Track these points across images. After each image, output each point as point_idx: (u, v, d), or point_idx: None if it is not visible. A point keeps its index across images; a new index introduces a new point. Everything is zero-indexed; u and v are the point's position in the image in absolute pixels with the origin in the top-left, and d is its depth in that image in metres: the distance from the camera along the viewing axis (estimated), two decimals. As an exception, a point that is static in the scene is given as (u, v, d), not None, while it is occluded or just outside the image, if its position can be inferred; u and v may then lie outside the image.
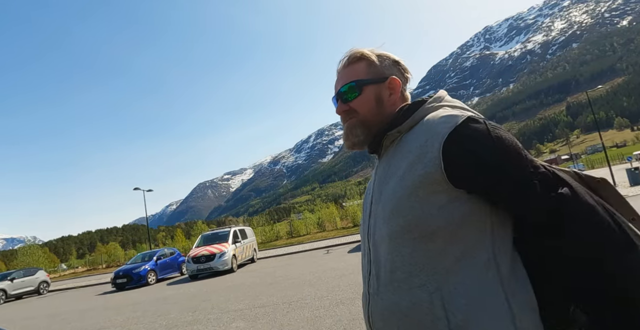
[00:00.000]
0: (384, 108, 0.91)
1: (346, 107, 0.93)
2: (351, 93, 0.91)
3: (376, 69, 0.92)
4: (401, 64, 0.96)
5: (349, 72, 0.93)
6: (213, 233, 15.88)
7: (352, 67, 0.93)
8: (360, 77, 0.91)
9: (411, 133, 0.84)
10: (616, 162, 66.69)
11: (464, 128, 0.76)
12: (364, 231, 0.92)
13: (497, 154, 0.73)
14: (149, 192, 29.67)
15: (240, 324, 5.38)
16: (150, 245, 31.85)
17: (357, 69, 0.92)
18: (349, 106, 0.92)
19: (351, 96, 0.91)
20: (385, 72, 0.93)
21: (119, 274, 14.59)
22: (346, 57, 0.94)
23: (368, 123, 0.91)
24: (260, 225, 43.13)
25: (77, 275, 34.98)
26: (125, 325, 6.67)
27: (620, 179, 23.58)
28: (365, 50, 0.94)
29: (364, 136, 0.91)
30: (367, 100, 0.91)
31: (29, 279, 18.24)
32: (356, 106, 0.91)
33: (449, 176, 0.74)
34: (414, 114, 0.86)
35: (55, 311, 10.41)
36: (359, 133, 0.91)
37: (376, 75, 0.92)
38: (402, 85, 0.95)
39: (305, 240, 25.74)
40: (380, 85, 0.91)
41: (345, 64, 0.94)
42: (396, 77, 0.93)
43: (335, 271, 9.10)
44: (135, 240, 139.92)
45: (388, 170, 0.85)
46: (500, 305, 0.71)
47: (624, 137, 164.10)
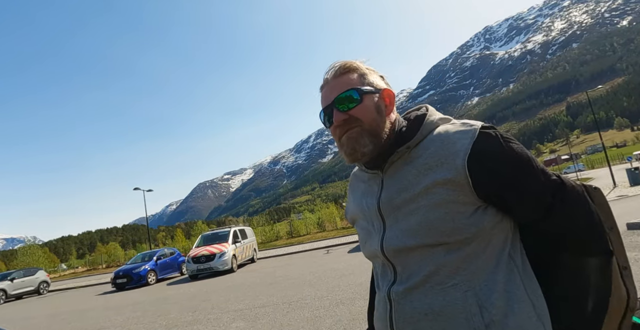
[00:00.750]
0: (383, 119, 0.88)
1: (346, 115, 0.86)
2: (351, 100, 0.86)
3: (369, 81, 0.89)
4: (385, 79, 0.94)
5: (342, 81, 0.88)
6: (213, 233, 15.88)
7: (345, 77, 0.89)
8: (357, 85, 0.87)
9: (420, 148, 0.85)
10: (616, 162, 66.65)
11: (482, 140, 0.80)
12: (375, 244, 0.90)
13: (513, 165, 0.79)
14: (149, 192, 29.66)
15: (240, 324, 5.38)
16: (150, 245, 31.85)
17: (350, 79, 0.88)
18: (349, 114, 0.86)
19: (352, 104, 0.86)
20: (378, 84, 0.90)
21: (119, 274, 14.59)
22: (337, 67, 0.90)
23: (374, 132, 0.86)
24: (260, 225, 43.14)
25: (77, 275, 34.96)
26: (125, 325, 6.67)
27: (620, 179, 23.57)
28: (354, 63, 0.91)
29: (373, 145, 0.86)
30: (368, 108, 0.86)
31: (29, 279, 18.24)
32: (358, 114, 0.85)
33: (474, 187, 0.78)
34: (420, 129, 0.86)
35: (55, 311, 10.41)
36: (367, 142, 0.86)
37: (371, 86, 0.89)
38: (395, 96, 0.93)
39: (305, 240, 25.73)
40: (377, 95, 0.88)
41: (337, 74, 0.89)
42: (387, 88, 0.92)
43: (335, 271, 9.09)
44: (135, 240, 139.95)
45: (401, 184, 0.85)
46: (524, 297, 0.78)
47: (624, 137, 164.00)
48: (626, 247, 5.76)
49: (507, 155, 0.79)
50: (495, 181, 0.78)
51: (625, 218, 8.35)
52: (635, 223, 7.47)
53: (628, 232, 7.28)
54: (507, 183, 0.78)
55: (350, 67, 0.89)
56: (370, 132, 0.86)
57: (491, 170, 0.78)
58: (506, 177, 0.78)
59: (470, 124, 0.84)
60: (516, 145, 0.81)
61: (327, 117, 0.90)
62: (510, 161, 0.79)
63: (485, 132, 0.81)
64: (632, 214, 9.06)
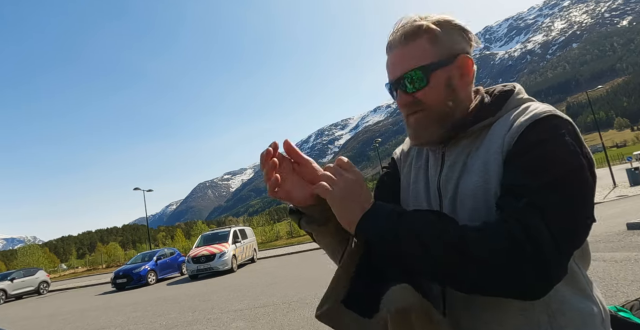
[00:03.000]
0: (456, 95, 0.75)
1: (410, 97, 0.75)
2: (417, 82, 0.73)
3: (442, 46, 0.74)
4: (467, 31, 0.77)
5: (408, 52, 0.74)
6: (213, 233, 15.89)
7: (412, 45, 0.74)
8: (424, 60, 0.73)
9: (497, 124, 0.73)
10: (616, 162, 66.67)
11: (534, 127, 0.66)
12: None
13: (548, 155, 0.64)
14: (149, 192, 29.67)
15: (240, 324, 5.38)
16: (150, 246, 31.83)
17: (418, 48, 0.73)
18: (414, 97, 0.75)
19: (417, 86, 0.74)
20: (454, 48, 0.74)
21: (119, 274, 14.60)
22: (402, 30, 0.75)
23: (441, 117, 0.75)
24: (260, 225, 43.22)
25: (77, 275, 34.98)
26: (125, 325, 6.67)
27: (620, 179, 23.57)
28: (425, 21, 0.75)
29: (437, 135, 0.76)
30: (436, 89, 0.73)
31: (29, 279, 18.25)
32: (424, 97, 0.74)
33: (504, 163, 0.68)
34: (505, 105, 0.75)
35: (56, 311, 10.41)
36: (432, 131, 0.76)
37: (443, 54, 0.73)
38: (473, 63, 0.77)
39: (305, 241, 25.72)
40: (450, 66, 0.74)
41: (402, 39, 0.75)
42: (466, 53, 0.76)
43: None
44: (135, 240, 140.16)
45: (466, 163, 0.75)
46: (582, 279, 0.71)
47: (624, 137, 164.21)
48: (626, 247, 5.72)
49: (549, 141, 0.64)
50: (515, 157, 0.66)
51: (625, 218, 8.36)
52: (635, 223, 7.47)
53: (628, 232, 7.28)
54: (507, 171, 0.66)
55: (420, 29, 0.74)
56: (437, 118, 0.75)
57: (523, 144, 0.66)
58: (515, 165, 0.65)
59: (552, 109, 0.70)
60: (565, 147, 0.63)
61: (393, 91, 0.80)
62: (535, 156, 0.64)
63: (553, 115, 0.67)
64: (632, 214, 9.06)
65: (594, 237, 7.23)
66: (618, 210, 11.01)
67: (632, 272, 4.52)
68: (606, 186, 22.75)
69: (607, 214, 10.46)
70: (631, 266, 4.81)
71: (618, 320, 1.04)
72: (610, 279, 4.41)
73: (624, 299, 3.61)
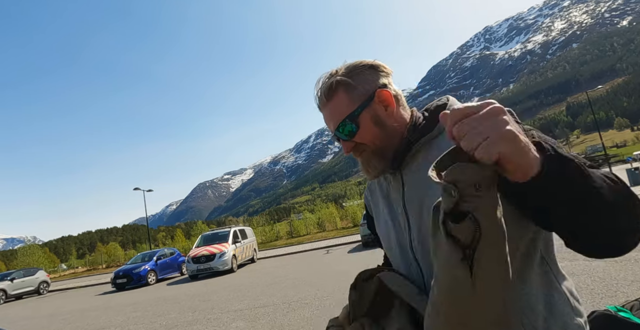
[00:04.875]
0: (388, 127, 0.84)
1: (352, 144, 0.86)
2: (348, 130, 0.84)
3: (357, 91, 0.83)
4: (376, 65, 0.86)
5: (332, 108, 0.85)
6: (213, 233, 15.89)
7: (333, 100, 0.84)
8: (347, 110, 0.83)
9: (438, 141, 0.80)
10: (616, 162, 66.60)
11: None
12: (402, 243, 0.86)
13: None
14: (149, 192, 29.67)
15: (240, 324, 5.38)
16: (150, 246, 31.85)
17: (339, 102, 0.84)
18: (354, 142, 0.85)
19: (351, 132, 0.84)
20: (368, 88, 0.83)
21: (119, 274, 14.59)
22: (321, 91, 0.85)
23: (381, 150, 0.85)
24: (260, 225, 43.18)
25: (77, 275, 34.98)
26: (125, 325, 6.67)
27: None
28: (336, 76, 0.84)
29: (382, 165, 0.86)
30: (367, 129, 0.83)
31: (29, 279, 18.24)
32: (360, 139, 0.84)
33: None
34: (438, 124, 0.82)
35: (56, 311, 10.40)
36: (376, 164, 0.86)
37: (361, 97, 0.83)
38: (391, 89, 0.85)
39: (305, 241, 25.75)
40: (371, 105, 0.83)
41: (324, 101, 0.86)
42: (381, 86, 0.84)
43: (336, 271, 9.10)
44: (135, 240, 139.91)
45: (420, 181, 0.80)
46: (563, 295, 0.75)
47: (624, 137, 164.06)
48: (626, 247, 5.71)
49: None
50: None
51: (625, 218, 8.36)
52: (635, 223, 7.47)
53: (628, 232, 7.28)
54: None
55: (336, 84, 0.83)
56: (377, 152, 0.85)
57: None
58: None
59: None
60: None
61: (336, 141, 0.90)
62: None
63: None
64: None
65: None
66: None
67: (632, 272, 4.52)
68: (606, 186, 22.77)
69: (607, 214, 10.46)
70: (631, 266, 4.81)
71: (618, 321, 1.04)
72: (610, 279, 4.41)
73: (624, 299, 3.61)
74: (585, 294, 3.98)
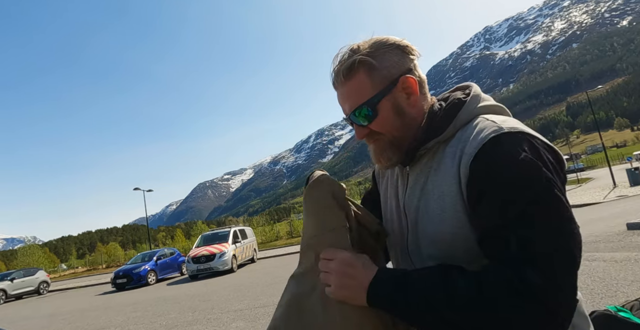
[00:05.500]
0: (407, 117, 0.78)
1: (366, 130, 0.79)
2: (366, 116, 0.77)
3: (381, 74, 0.75)
4: (404, 46, 0.78)
5: (351, 89, 0.77)
6: (213, 233, 15.89)
7: (352, 81, 0.77)
8: (367, 93, 0.76)
9: (449, 144, 0.74)
10: (616, 162, 66.68)
11: (490, 146, 0.66)
12: (401, 242, 0.84)
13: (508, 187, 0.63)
14: (149, 192, 29.66)
15: (240, 324, 5.38)
16: (150, 246, 31.83)
17: (359, 84, 0.76)
18: (369, 128, 0.79)
19: (368, 119, 0.78)
20: (393, 72, 0.76)
21: (119, 274, 14.60)
22: (339, 69, 0.78)
23: (397, 141, 0.79)
24: (260, 225, 43.28)
25: (77, 275, 34.98)
26: (125, 325, 6.67)
27: (620, 179, 23.58)
28: (359, 54, 0.76)
29: (397, 157, 0.80)
30: (387, 117, 0.77)
31: (29, 279, 18.25)
32: (377, 127, 0.78)
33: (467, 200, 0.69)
34: (454, 121, 0.75)
35: (56, 311, 10.41)
36: (391, 155, 0.80)
37: (384, 82, 0.76)
38: (416, 75, 0.78)
39: (305, 240, 25.70)
40: (393, 92, 0.76)
41: (341, 78, 0.78)
42: (407, 71, 0.77)
43: (335, 271, 9.08)
44: (135, 240, 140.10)
45: (426, 185, 0.77)
46: None
47: (624, 137, 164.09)
48: (626, 247, 5.70)
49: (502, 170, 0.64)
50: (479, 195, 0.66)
51: (625, 218, 8.36)
52: (635, 223, 7.47)
53: (628, 232, 7.28)
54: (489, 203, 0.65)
55: (355, 64, 0.76)
56: (393, 143, 0.79)
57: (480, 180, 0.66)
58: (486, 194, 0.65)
59: (497, 124, 0.69)
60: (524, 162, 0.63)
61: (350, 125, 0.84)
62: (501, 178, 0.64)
63: (498, 136, 0.66)
64: (632, 214, 9.06)
65: (594, 237, 7.23)
66: (618, 210, 11.02)
67: (632, 272, 4.52)
68: (606, 186, 22.76)
69: (607, 214, 10.47)
70: (631, 266, 4.81)
71: (618, 321, 1.04)
72: (610, 279, 4.41)
73: (624, 299, 3.61)
74: (585, 294, 3.98)
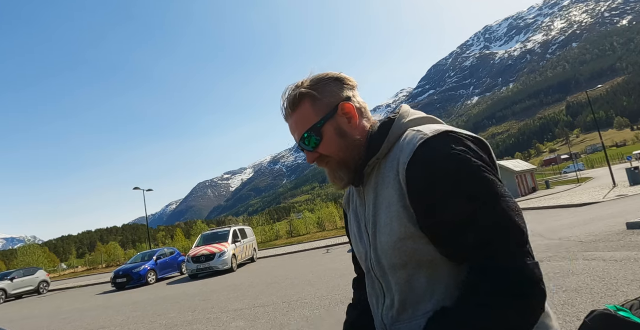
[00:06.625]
0: (350, 138, 0.86)
1: (316, 154, 0.87)
2: (312, 141, 0.86)
3: (322, 103, 0.85)
4: (341, 78, 0.88)
5: (297, 119, 0.86)
6: (213, 233, 15.88)
7: (298, 111, 0.86)
8: (311, 121, 0.85)
9: (388, 159, 0.82)
10: (616, 162, 66.66)
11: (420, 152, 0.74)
12: (366, 261, 0.89)
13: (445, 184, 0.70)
14: (149, 191, 29.64)
15: (240, 323, 5.38)
16: (150, 245, 31.82)
17: (304, 113, 0.86)
18: (318, 153, 0.87)
19: (315, 144, 0.86)
20: (333, 101, 0.85)
21: (119, 273, 14.59)
22: (289, 101, 0.87)
23: (345, 161, 0.87)
24: (260, 225, 43.19)
25: (77, 275, 34.97)
26: (125, 324, 6.67)
27: (620, 179, 23.59)
28: (301, 88, 0.86)
29: (347, 177, 0.88)
30: (331, 141, 0.85)
31: (29, 279, 18.24)
32: (324, 151, 0.86)
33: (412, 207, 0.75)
34: (387, 138, 0.83)
35: (56, 311, 10.41)
36: (342, 175, 0.87)
37: (325, 109, 0.85)
38: (355, 102, 0.87)
39: (305, 240, 25.73)
40: (335, 117, 0.85)
41: (289, 112, 0.88)
42: (345, 99, 0.86)
43: (335, 271, 9.10)
44: (135, 240, 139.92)
45: (377, 200, 0.83)
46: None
47: (624, 137, 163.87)
48: (626, 246, 5.70)
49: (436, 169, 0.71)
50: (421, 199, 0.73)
51: (625, 218, 8.37)
52: (635, 223, 7.47)
53: (628, 231, 7.28)
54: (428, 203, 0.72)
55: (301, 95, 0.85)
56: (342, 164, 0.87)
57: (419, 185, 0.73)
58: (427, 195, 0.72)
59: (422, 132, 0.78)
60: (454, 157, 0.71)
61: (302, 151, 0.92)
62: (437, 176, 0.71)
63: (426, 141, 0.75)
64: (632, 213, 9.07)
65: (594, 237, 7.24)
66: (618, 209, 11.02)
67: (632, 272, 4.52)
68: (606, 186, 22.76)
69: (607, 214, 10.47)
70: (631, 266, 4.81)
71: (618, 320, 1.04)
72: (610, 278, 4.41)
73: (623, 298, 3.61)
74: (585, 294, 3.99)
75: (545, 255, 6.28)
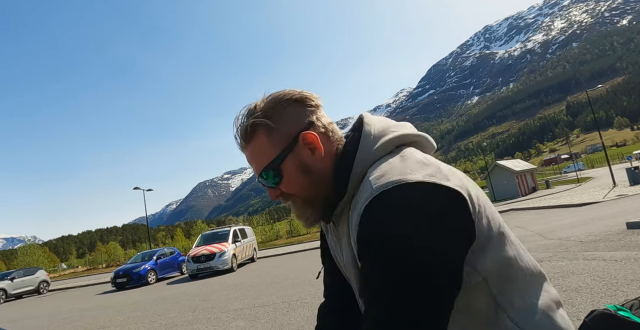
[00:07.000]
0: (315, 174, 0.73)
1: (278, 191, 0.76)
2: (272, 180, 0.74)
3: (279, 133, 0.72)
4: (302, 98, 0.75)
5: (252, 152, 0.75)
6: (213, 232, 15.89)
7: (252, 145, 0.74)
8: (267, 156, 0.73)
9: (351, 208, 0.70)
10: (616, 162, 66.69)
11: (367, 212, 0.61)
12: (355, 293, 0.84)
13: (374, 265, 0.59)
14: (149, 191, 29.65)
15: (240, 323, 5.38)
16: (150, 245, 31.84)
17: (259, 147, 0.73)
18: (280, 190, 0.76)
19: (275, 181, 0.74)
20: (292, 130, 0.72)
21: (119, 273, 14.60)
22: (239, 133, 0.75)
23: (311, 200, 0.75)
24: (260, 224, 43.25)
25: (77, 274, 34.99)
26: (125, 324, 6.67)
27: (620, 179, 23.60)
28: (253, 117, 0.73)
29: (314, 216, 0.77)
30: (293, 178, 0.73)
31: (29, 279, 18.27)
32: (286, 189, 0.75)
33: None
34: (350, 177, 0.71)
35: (56, 311, 10.41)
36: (308, 215, 0.77)
37: (284, 141, 0.72)
38: (319, 127, 0.74)
39: (305, 240, 25.73)
40: (295, 150, 0.72)
41: (243, 143, 0.75)
42: (307, 126, 0.73)
43: (335, 270, 9.09)
44: (135, 239, 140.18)
45: (341, 240, 0.77)
46: None
47: (623, 137, 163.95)
48: (626, 246, 5.70)
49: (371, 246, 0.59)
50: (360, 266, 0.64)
51: (625, 217, 8.36)
52: (635, 222, 7.47)
53: (628, 231, 7.28)
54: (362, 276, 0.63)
55: (253, 126, 0.73)
56: (307, 202, 0.76)
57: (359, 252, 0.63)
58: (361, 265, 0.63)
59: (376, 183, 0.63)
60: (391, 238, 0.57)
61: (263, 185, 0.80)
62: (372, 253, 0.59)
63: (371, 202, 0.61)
64: (631, 213, 9.06)
65: (594, 237, 7.24)
66: (618, 209, 11.02)
67: (632, 272, 4.52)
68: (606, 185, 22.78)
69: (606, 213, 10.47)
70: (631, 265, 4.81)
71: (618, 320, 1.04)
72: (610, 278, 4.41)
73: (623, 298, 3.61)
74: (585, 293, 3.99)
75: (545, 255, 6.28)
